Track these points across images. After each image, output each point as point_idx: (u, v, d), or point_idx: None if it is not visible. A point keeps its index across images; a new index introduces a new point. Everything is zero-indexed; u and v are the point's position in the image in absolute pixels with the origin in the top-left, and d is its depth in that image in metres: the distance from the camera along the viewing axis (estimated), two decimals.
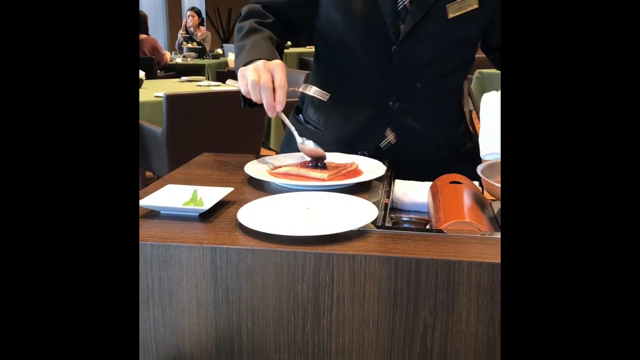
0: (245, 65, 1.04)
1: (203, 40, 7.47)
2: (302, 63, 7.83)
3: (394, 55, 1.17)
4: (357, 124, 1.23)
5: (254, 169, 1.04)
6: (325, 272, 0.71)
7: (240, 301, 0.73)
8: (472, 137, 1.33)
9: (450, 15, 1.14)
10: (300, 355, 0.73)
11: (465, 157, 1.26)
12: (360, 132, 1.22)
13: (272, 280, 0.72)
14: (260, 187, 0.98)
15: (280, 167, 1.07)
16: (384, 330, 0.71)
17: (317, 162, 1.04)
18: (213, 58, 6.99)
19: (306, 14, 1.25)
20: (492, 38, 1.25)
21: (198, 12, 7.64)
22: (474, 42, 1.24)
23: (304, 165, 1.05)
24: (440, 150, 1.25)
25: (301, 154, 1.10)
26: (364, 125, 1.22)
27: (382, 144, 1.22)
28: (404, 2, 1.15)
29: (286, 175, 1.02)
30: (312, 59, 1.59)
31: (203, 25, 7.81)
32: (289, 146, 1.24)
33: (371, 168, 1.06)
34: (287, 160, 1.12)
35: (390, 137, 1.22)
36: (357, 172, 1.04)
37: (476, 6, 1.16)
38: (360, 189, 0.97)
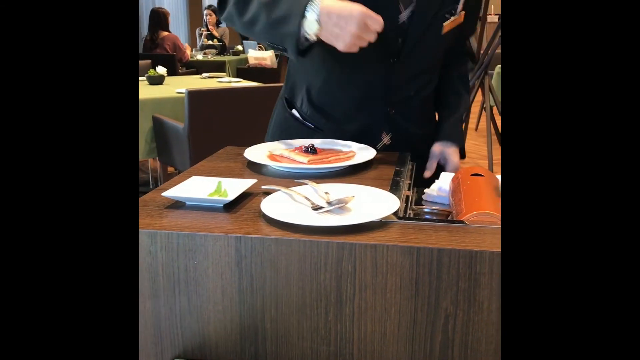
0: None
1: (221, 36, 7.50)
2: None
3: (392, 67, 1.22)
4: (355, 127, 1.27)
5: (254, 153, 1.13)
6: (347, 262, 0.72)
7: (264, 290, 0.75)
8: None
9: (445, 31, 1.22)
10: (323, 342, 0.75)
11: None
12: (358, 136, 1.25)
13: (296, 269, 0.73)
14: (284, 178, 0.99)
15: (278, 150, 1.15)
16: (406, 319, 0.72)
17: (309, 148, 1.11)
18: (233, 55, 7.01)
19: None
20: None
21: (215, 10, 7.67)
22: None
23: (297, 149, 1.12)
24: (425, 144, 1.32)
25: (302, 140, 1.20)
26: (361, 130, 1.27)
27: (378, 146, 1.27)
28: (402, 18, 1.18)
29: (281, 157, 1.10)
30: None
31: (221, 23, 7.84)
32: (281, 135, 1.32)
33: (363, 156, 1.10)
34: (291, 145, 1.19)
35: (385, 139, 1.28)
36: (346, 159, 1.09)
37: (462, 21, 1.24)
38: (383, 182, 0.98)
